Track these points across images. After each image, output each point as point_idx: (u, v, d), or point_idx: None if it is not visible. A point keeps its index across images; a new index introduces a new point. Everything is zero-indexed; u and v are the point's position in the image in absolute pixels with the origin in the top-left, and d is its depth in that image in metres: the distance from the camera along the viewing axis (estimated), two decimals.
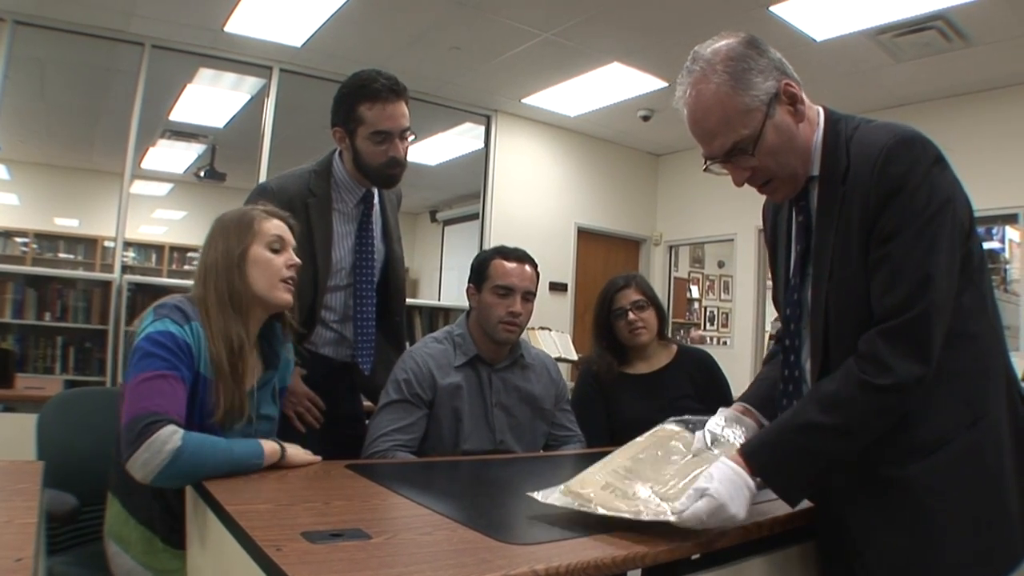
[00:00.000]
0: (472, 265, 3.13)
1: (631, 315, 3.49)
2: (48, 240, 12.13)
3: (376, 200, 3.16)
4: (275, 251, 2.33)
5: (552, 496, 1.80)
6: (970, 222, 1.80)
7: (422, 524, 1.68)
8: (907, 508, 1.73)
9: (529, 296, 3.05)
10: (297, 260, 2.38)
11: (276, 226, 2.36)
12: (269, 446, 2.19)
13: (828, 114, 1.91)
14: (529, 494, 1.85)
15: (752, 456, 1.75)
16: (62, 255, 12.08)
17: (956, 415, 1.74)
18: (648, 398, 3.38)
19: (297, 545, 1.46)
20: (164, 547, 2.22)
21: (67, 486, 2.43)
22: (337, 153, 3.06)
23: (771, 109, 1.81)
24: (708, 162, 1.91)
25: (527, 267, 3.07)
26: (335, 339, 3.08)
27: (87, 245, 12.23)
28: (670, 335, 3.93)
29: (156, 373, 2.05)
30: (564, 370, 8.14)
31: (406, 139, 2.97)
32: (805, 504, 1.95)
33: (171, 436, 1.93)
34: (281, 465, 2.21)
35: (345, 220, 3.05)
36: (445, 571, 1.37)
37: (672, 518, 1.64)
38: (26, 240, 11.92)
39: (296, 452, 2.29)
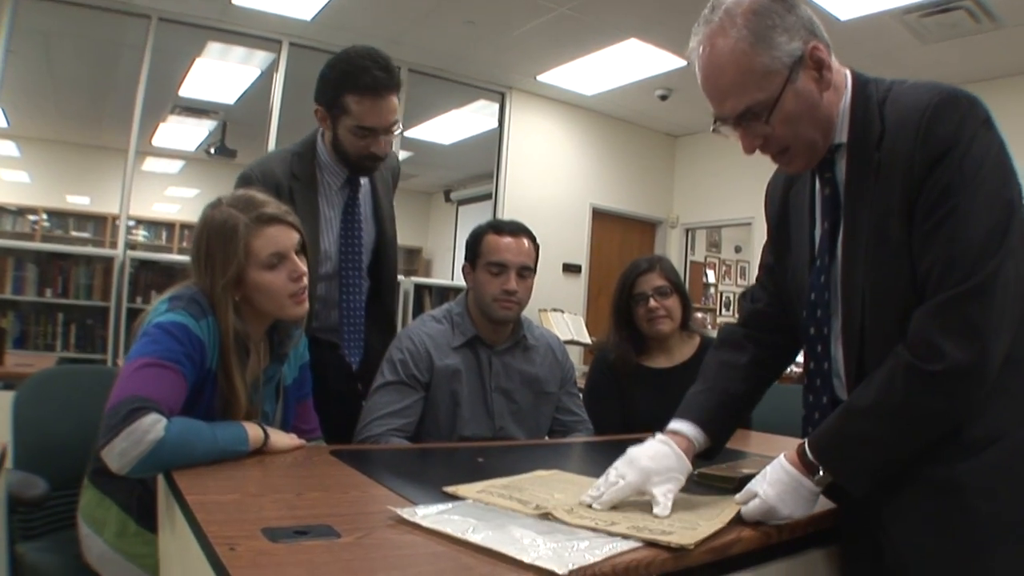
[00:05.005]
0: (467, 241, 2.98)
1: (652, 302, 3.24)
2: (59, 218, 12.06)
3: (365, 179, 2.97)
4: (273, 267, 2.13)
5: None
6: (1019, 195, 1.61)
7: (402, 521, 1.51)
8: (953, 511, 1.56)
9: (526, 272, 2.88)
10: (303, 268, 2.17)
11: (268, 240, 2.13)
12: (253, 431, 2.05)
13: (856, 77, 1.72)
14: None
15: (812, 444, 1.66)
16: (73, 233, 12.01)
17: (1010, 409, 1.57)
18: (665, 396, 3.07)
19: (254, 544, 1.29)
20: (137, 530, 2.10)
21: (40, 469, 2.35)
22: (320, 133, 2.86)
23: (794, 74, 1.62)
24: (717, 123, 1.73)
25: (523, 240, 2.90)
26: (319, 327, 2.86)
27: (97, 223, 12.15)
28: None
29: (156, 361, 1.90)
30: (577, 353, 8.05)
31: (391, 133, 2.78)
32: (829, 505, 1.81)
33: (153, 425, 1.77)
34: (264, 451, 2.06)
35: (331, 204, 2.87)
36: None
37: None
38: (36, 219, 11.85)
39: (279, 438, 2.15)
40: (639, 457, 1.75)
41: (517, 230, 2.91)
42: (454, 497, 1.74)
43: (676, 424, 1.93)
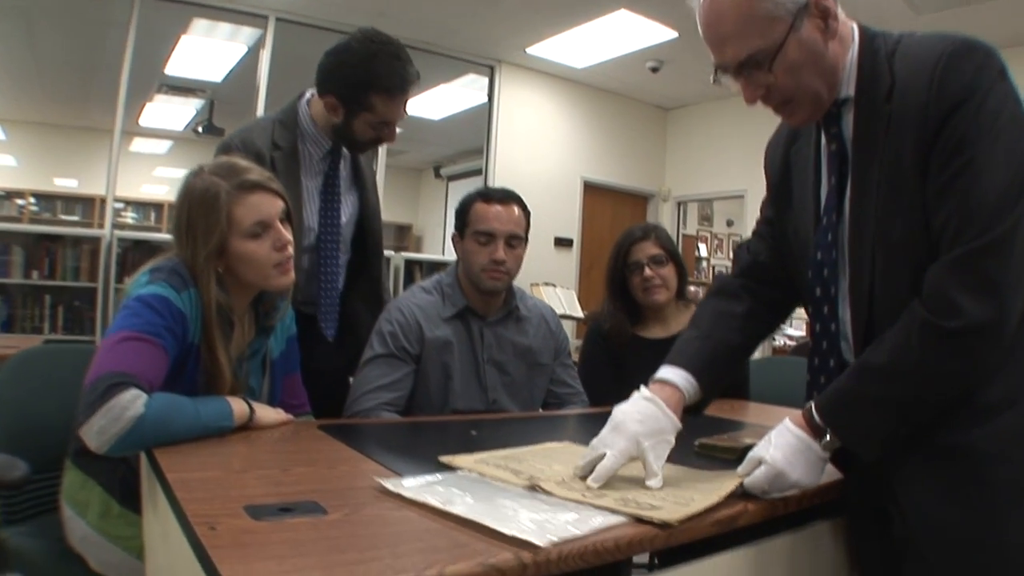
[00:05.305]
0: (456, 209, 2.90)
1: (648, 271, 3.20)
2: (47, 200, 11.97)
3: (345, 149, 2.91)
4: (256, 236, 2.05)
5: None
6: None
7: (392, 496, 1.44)
8: (967, 478, 1.50)
9: (515, 241, 2.80)
10: (287, 237, 2.11)
11: (251, 208, 2.05)
12: (238, 406, 1.98)
13: (863, 30, 1.65)
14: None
15: (820, 406, 1.60)
16: (62, 216, 11.92)
17: None
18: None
19: (236, 522, 1.23)
20: (121, 511, 2.03)
21: (21, 451, 2.23)
22: (304, 101, 2.80)
23: (798, 21, 1.54)
24: (718, 72, 1.65)
25: (513, 208, 2.82)
26: (303, 300, 2.79)
27: (85, 205, 12.05)
28: None
29: (136, 334, 1.84)
30: (570, 328, 8.01)
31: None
32: (834, 475, 1.74)
33: (133, 402, 1.70)
34: (249, 427, 2.00)
35: (311, 174, 2.80)
36: (409, 558, 1.13)
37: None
38: (23, 203, 11.75)
39: (266, 413, 2.09)
40: (625, 422, 1.67)
41: (506, 197, 2.83)
42: (449, 467, 1.69)
43: (667, 372, 1.85)
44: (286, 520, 1.26)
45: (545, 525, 1.28)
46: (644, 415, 1.68)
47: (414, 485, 1.48)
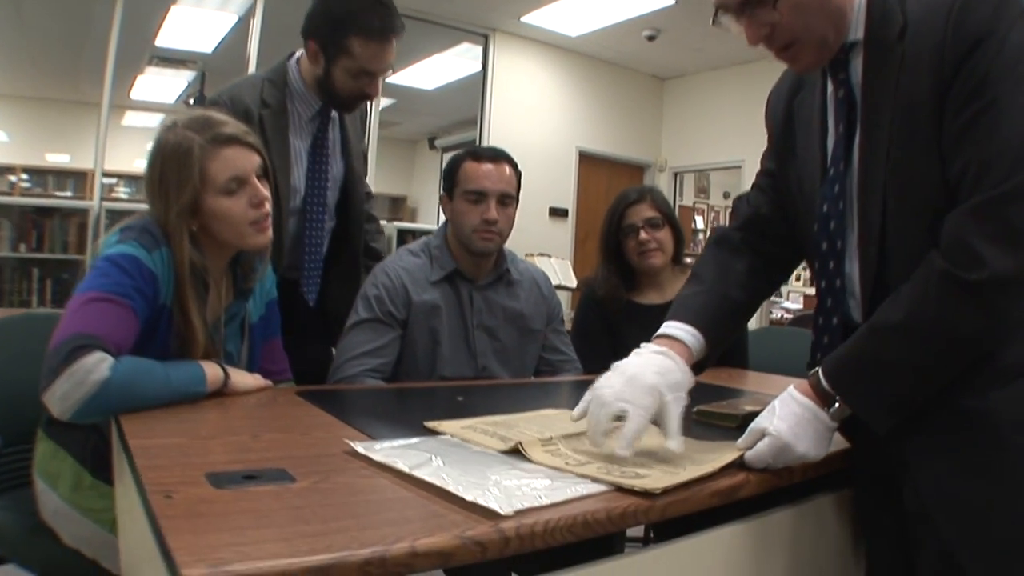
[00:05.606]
0: (444, 170, 2.81)
1: (643, 234, 3.12)
2: (39, 176, 11.87)
3: (335, 112, 2.85)
4: (232, 192, 1.96)
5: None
6: None
7: (365, 464, 1.35)
8: (985, 444, 1.41)
9: (507, 200, 2.72)
10: (264, 193, 2.01)
11: (226, 162, 1.96)
12: (211, 371, 1.90)
13: None
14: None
15: (828, 371, 1.50)
16: (55, 192, 11.84)
17: None
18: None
19: (195, 491, 1.13)
20: (93, 483, 1.95)
21: None
22: (295, 59, 2.74)
23: None
24: (718, 12, 1.55)
25: (504, 167, 2.73)
26: (289, 265, 2.75)
27: (77, 180, 11.95)
28: None
29: (103, 295, 1.76)
30: (564, 299, 7.98)
31: (386, 74, 2.74)
32: (840, 445, 1.65)
33: (98, 365, 1.62)
34: (224, 392, 1.92)
35: (300, 135, 2.74)
36: (377, 529, 1.04)
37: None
38: (14, 179, 11.67)
39: (241, 378, 2.00)
40: (643, 374, 1.53)
41: (497, 156, 2.74)
42: (433, 432, 1.62)
43: (672, 328, 1.74)
44: (250, 488, 1.17)
45: (514, 493, 1.20)
46: (661, 368, 1.56)
47: (385, 448, 1.40)
